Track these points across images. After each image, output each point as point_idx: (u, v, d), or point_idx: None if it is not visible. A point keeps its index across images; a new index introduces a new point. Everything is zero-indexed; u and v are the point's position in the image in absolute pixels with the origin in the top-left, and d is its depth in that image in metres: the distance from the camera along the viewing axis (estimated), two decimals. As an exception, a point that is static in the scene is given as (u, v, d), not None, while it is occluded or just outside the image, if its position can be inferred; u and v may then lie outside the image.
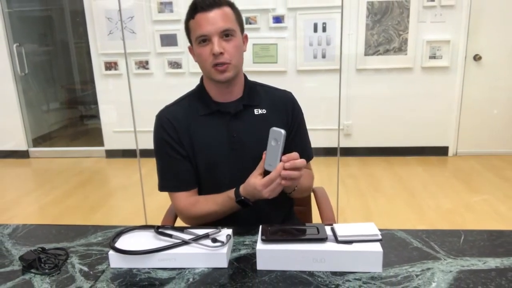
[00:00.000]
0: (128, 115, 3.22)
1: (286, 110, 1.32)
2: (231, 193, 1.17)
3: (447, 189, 3.28)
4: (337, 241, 0.96)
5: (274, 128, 1.05)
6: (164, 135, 1.26)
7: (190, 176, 1.29)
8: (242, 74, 1.29)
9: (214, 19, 1.15)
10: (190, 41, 1.25)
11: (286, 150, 1.15)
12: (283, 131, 1.03)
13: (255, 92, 1.31)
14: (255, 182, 1.09)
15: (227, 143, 1.25)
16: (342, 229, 0.99)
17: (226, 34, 1.17)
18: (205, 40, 1.17)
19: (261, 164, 1.10)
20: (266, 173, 1.08)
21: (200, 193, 1.32)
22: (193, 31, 1.19)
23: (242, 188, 1.15)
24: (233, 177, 1.16)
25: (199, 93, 1.30)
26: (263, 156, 1.09)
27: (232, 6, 1.20)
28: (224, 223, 1.13)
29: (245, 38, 1.26)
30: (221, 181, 1.25)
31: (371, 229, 0.98)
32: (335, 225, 1.01)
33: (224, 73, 1.19)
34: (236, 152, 1.25)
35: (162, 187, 1.31)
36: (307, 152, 1.35)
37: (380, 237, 0.96)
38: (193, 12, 1.17)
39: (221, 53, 1.16)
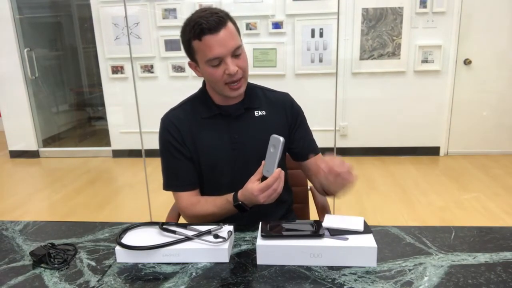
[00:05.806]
0: (134, 117, 3.28)
1: (284, 110, 1.33)
2: (229, 197, 1.17)
3: (439, 187, 3.32)
4: (329, 232, 1.00)
5: (274, 135, 1.04)
6: (169, 137, 1.27)
7: (192, 176, 1.30)
8: None
9: (224, 40, 1.12)
10: (192, 58, 1.22)
11: (291, 146, 1.23)
12: (281, 139, 1.02)
13: (255, 94, 1.32)
14: (252, 187, 1.07)
15: (228, 144, 1.27)
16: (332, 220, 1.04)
17: (236, 51, 1.16)
18: (217, 61, 1.15)
19: (260, 169, 1.09)
20: (264, 179, 1.08)
21: (202, 193, 1.33)
22: (201, 52, 1.15)
23: (240, 193, 1.14)
24: (234, 177, 1.16)
25: (202, 96, 1.30)
26: (262, 162, 1.08)
27: (230, 18, 1.17)
28: (226, 219, 1.16)
29: None
30: (223, 181, 1.27)
31: (358, 222, 1.03)
32: (326, 216, 1.06)
33: (239, 89, 1.20)
34: (237, 153, 1.26)
35: (166, 187, 1.33)
36: (313, 147, 1.37)
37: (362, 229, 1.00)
38: (199, 33, 1.12)
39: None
